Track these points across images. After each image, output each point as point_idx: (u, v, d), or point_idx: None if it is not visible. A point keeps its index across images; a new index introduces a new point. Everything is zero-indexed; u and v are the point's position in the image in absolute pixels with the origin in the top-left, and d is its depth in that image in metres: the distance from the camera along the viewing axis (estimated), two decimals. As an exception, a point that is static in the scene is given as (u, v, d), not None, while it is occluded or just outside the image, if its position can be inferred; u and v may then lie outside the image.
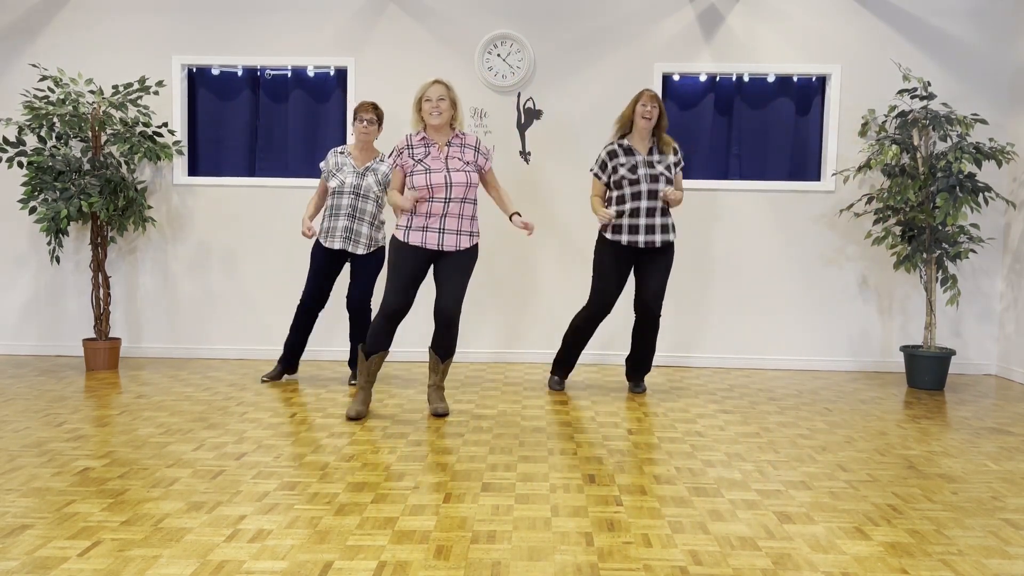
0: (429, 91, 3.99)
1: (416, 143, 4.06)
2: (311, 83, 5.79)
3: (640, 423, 4.12)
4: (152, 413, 4.17)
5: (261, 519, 2.72)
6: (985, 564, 2.47)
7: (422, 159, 4.02)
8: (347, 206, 4.68)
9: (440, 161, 4.02)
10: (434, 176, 3.98)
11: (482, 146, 4.15)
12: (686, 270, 5.74)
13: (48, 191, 5.15)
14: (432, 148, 4.04)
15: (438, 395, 4.27)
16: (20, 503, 2.83)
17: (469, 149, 4.10)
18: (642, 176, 4.51)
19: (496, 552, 2.48)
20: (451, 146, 4.07)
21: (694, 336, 5.78)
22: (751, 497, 3.03)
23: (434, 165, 4.01)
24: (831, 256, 5.72)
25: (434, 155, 4.03)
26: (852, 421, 4.26)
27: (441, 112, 3.98)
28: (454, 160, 4.04)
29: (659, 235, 4.56)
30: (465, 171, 4.03)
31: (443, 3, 5.67)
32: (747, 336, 5.77)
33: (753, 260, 5.73)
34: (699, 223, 5.73)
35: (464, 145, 4.10)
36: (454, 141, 4.08)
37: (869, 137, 5.61)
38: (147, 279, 5.82)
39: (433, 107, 3.97)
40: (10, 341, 5.88)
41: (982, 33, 5.57)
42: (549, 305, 5.78)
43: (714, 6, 5.63)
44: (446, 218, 4.02)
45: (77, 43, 5.72)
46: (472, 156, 4.09)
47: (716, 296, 5.76)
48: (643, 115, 4.53)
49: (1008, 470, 3.45)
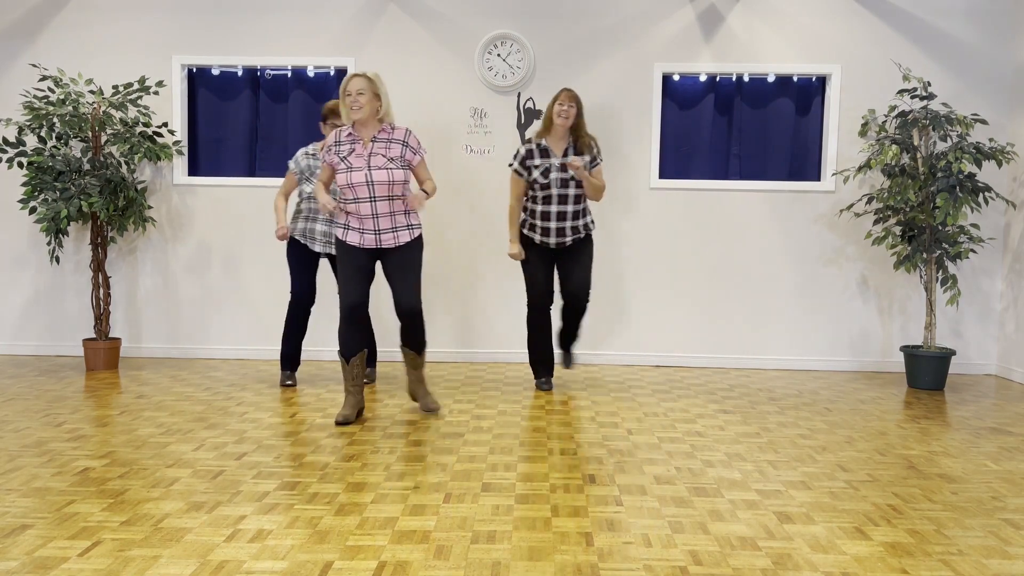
0: (349, 85, 3.81)
1: (343, 140, 3.92)
2: (311, 83, 5.79)
3: (640, 423, 4.12)
4: (152, 413, 4.17)
5: (261, 519, 2.72)
6: (985, 564, 2.47)
7: (346, 156, 3.90)
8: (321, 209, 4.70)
9: (363, 159, 3.87)
10: (355, 175, 3.86)
11: (412, 139, 3.96)
12: (686, 270, 5.74)
13: (48, 191, 5.15)
14: (357, 145, 3.90)
15: (423, 390, 4.24)
16: (20, 503, 2.83)
17: (396, 144, 3.92)
18: (553, 180, 4.53)
19: (496, 552, 2.48)
20: (376, 142, 3.90)
21: (694, 336, 5.78)
22: (751, 497, 3.03)
23: (356, 163, 3.87)
24: (831, 256, 5.72)
25: (358, 152, 3.88)
26: (852, 421, 4.26)
27: (361, 106, 3.80)
28: (377, 157, 3.87)
29: (570, 236, 4.63)
30: (387, 169, 3.86)
31: (443, 3, 5.67)
32: (747, 336, 5.77)
33: (753, 260, 5.73)
34: (699, 223, 5.73)
35: (391, 140, 3.92)
36: (380, 136, 3.92)
37: (869, 137, 5.61)
38: (147, 279, 5.82)
39: (353, 101, 3.81)
40: (10, 341, 5.88)
41: (982, 33, 5.57)
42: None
43: (714, 6, 5.63)
44: (378, 218, 3.93)
45: (77, 43, 5.72)
46: (399, 151, 3.91)
47: (716, 296, 5.76)
48: (559, 114, 4.51)
49: (1008, 470, 3.45)
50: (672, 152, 5.77)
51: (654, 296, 5.76)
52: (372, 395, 4.66)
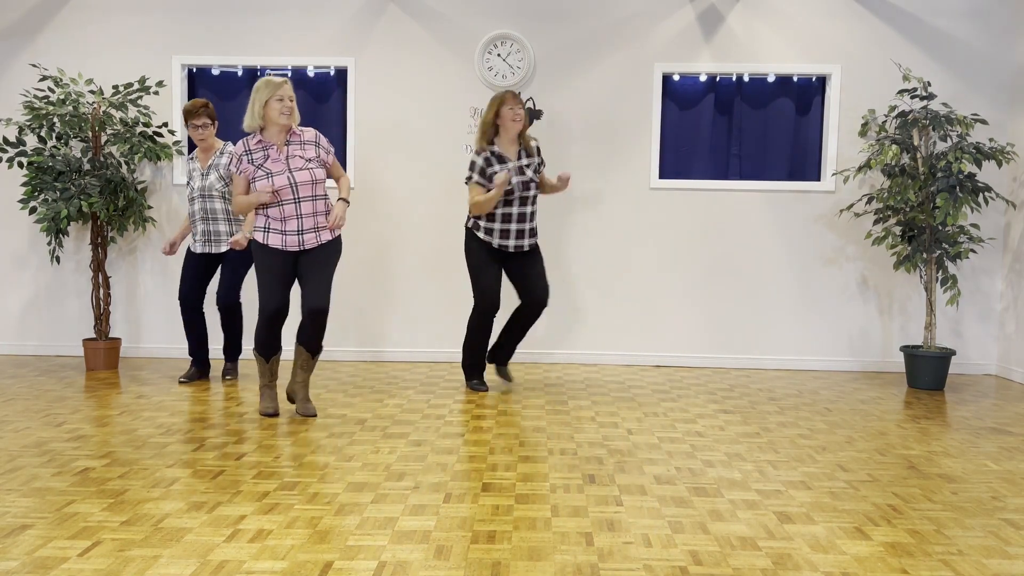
0: (281, 90, 3.89)
1: (254, 147, 3.96)
2: (311, 83, 5.79)
3: (640, 423, 4.12)
4: (152, 413, 4.17)
5: (261, 519, 2.72)
6: (985, 564, 2.47)
7: (262, 163, 3.94)
8: (199, 210, 4.80)
9: (281, 163, 3.93)
10: (277, 179, 3.91)
11: (323, 140, 4.05)
12: (686, 270, 5.74)
13: (48, 191, 5.15)
14: (271, 150, 3.94)
15: (304, 393, 4.18)
16: (20, 503, 2.83)
17: (310, 145, 4.00)
18: (515, 184, 4.56)
19: (496, 552, 2.48)
20: (290, 144, 3.98)
21: (694, 336, 5.77)
22: (751, 497, 3.03)
23: (275, 168, 3.93)
24: (831, 256, 5.72)
25: (274, 157, 3.94)
26: (852, 421, 4.26)
27: (291, 112, 3.91)
28: (295, 159, 3.95)
29: (527, 239, 4.67)
30: (308, 168, 3.95)
31: (443, 3, 5.67)
32: (747, 336, 5.77)
33: (753, 260, 5.73)
34: (699, 223, 5.73)
35: (304, 142, 4.00)
36: (292, 139, 3.99)
37: (869, 137, 5.61)
38: (147, 279, 5.82)
39: (285, 107, 3.89)
40: (10, 341, 5.87)
41: (982, 33, 5.57)
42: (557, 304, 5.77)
43: (714, 6, 5.64)
44: (302, 219, 3.97)
45: (77, 43, 5.72)
46: (314, 152, 4.00)
47: (716, 296, 5.76)
48: (512, 118, 4.53)
49: (1008, 470, 3.45)
50: (672, 152, 5.77)
51: (654, 296, 5.75)
52: (372, 395, 4.67)
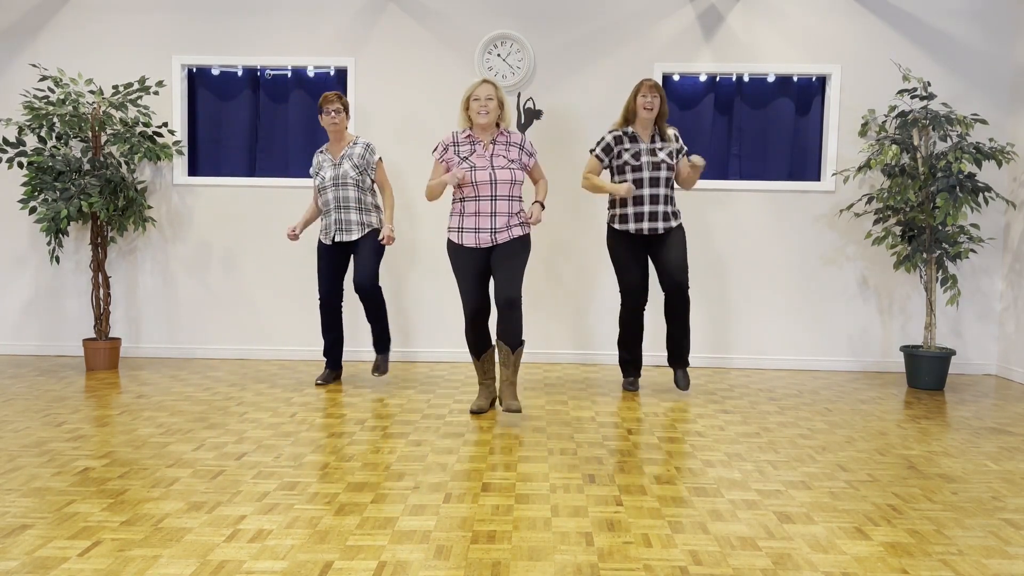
0: (478, 90, 4.08)
1: (462, 140, 4.15)
2: (311, 83, 5.79)
3: (640, 423, 4.12)
4: (152, 413, 4.17)
5: (261, 519, 2.72)
6: (985, 564, 2.47)
7: (467, 156, 4.11)
8: (332, 199, 4.77)
9: (485, 159, 4.09)
10: (479, 173, 4.06)
11: (527, 144, 4.20)
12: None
13: (48, 191, 5.15)
14: (477, 146, 4.12)
15: (511, 391, 4.12)
16: (20, 503, 2.83)
17: (514, 147, 4.15)
18: (644, 164, 4.57)
19: (496, 552, 2.48)
20: (496, 144, 4.13)
21: (694, 336, 5.77)
22: (751, 497, 3.03)
23: (479, 163, 4.09)
24: (831, 256, 5.72)
25: (479, 152, 4.11)
26: (852, 421, 4.26)
27: (488, 112, 4.06)
28: (499, 158, 4.10)
29: (662, 222, 4.61)
30: (510, 168, 4.09)
31: (443, 3, 5.67)
32: (747, 336, 5.77)
33: (753, 260, 5.73)
34: (699, 223, 5.73)
35: (509, 143, 4.16)
36: (499, 139, 4.15)
37: (869, 137, 5.61)
38: (147, 279, 5.82)
39: (481, 106, 4.06)
40: (10, 341, 5.88)
41: (982, 33, 5.57)
42: (556, 304, 5.78)
43: (714, 6, 5.63)
44: (496, 216, 4.09)
45: (77, 43, 5.72)
46: (517, 154, 4.14)
47: (716, 296, 5.76)
48: (644, 106, 4.57)
49: (1008, 470, 3.45)
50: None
51: (654, 296, 5.75)
52: (373, 395, 4.66)
